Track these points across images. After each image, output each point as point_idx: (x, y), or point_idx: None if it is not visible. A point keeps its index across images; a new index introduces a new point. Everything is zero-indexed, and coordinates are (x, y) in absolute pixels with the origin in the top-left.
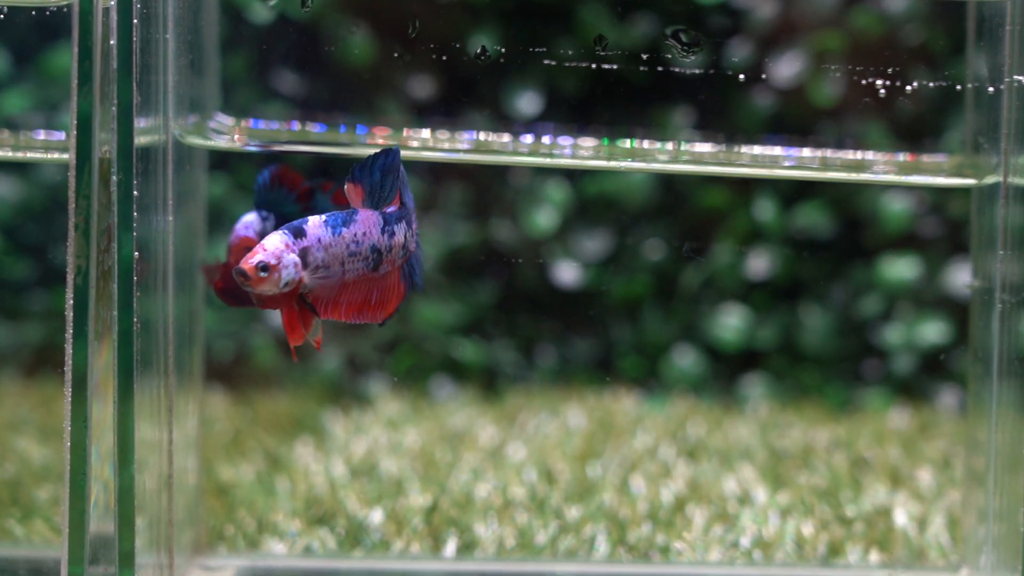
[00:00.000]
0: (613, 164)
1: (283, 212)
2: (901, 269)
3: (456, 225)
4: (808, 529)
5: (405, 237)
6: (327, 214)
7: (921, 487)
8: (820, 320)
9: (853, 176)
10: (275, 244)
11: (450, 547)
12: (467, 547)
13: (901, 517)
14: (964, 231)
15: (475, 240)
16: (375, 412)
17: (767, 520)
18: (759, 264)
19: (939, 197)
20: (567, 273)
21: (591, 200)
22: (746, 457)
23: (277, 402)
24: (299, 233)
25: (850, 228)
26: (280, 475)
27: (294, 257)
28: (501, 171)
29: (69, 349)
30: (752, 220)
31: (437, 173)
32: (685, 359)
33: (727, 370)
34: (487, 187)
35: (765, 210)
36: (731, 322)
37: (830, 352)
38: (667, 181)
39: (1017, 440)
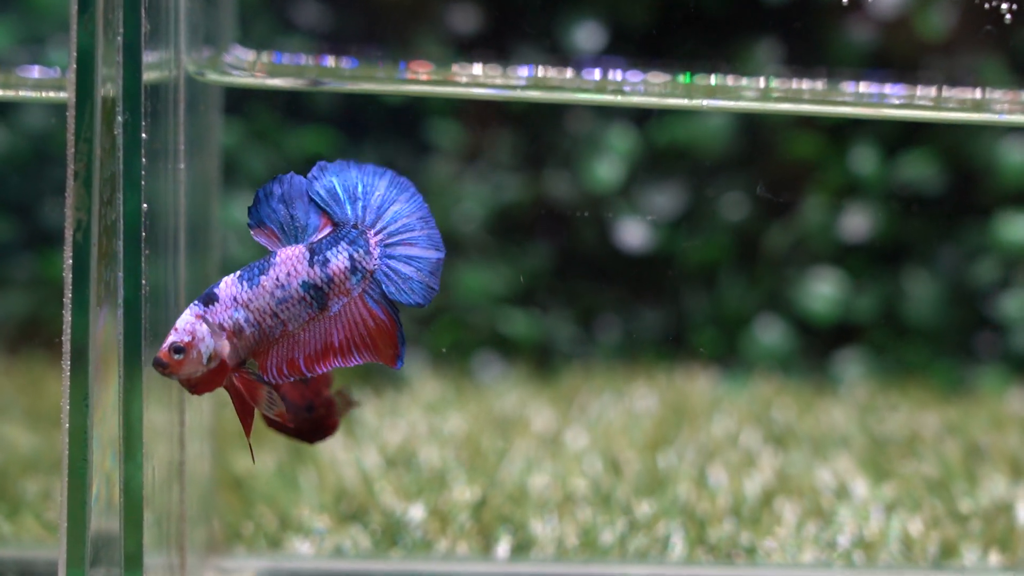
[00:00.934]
0: (691, 103)
1: None
2: (1021, 229)
3: (505, 178)
4: (916, 527)
5: (352, 257)
6: (242, 268)
7: None
8: (927, 288)
9: (968, 116)
10: (185, 320)
11: (503, 547)
12: (522, 547)
13: None
14: None
15: (527, 196)
16: (412, 394)
17: (869, 516)
18: (856, 223)
19: None
20: (634, 233)
21: (661, 149)
22: (842, 445)
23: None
24: (209, 300)
25: (963, 181)
26: (305, 466)
27: (207, 328)
28: (557, 116)
29: (68, 317)
30: (848, 172)
31: (484, 119)
32: (770, 333)
33: (819, 345)
34: (541, 134)
35: (864, 160)
36: (823, 290)
37: (939, 325)
38: (750, 127)
39: None
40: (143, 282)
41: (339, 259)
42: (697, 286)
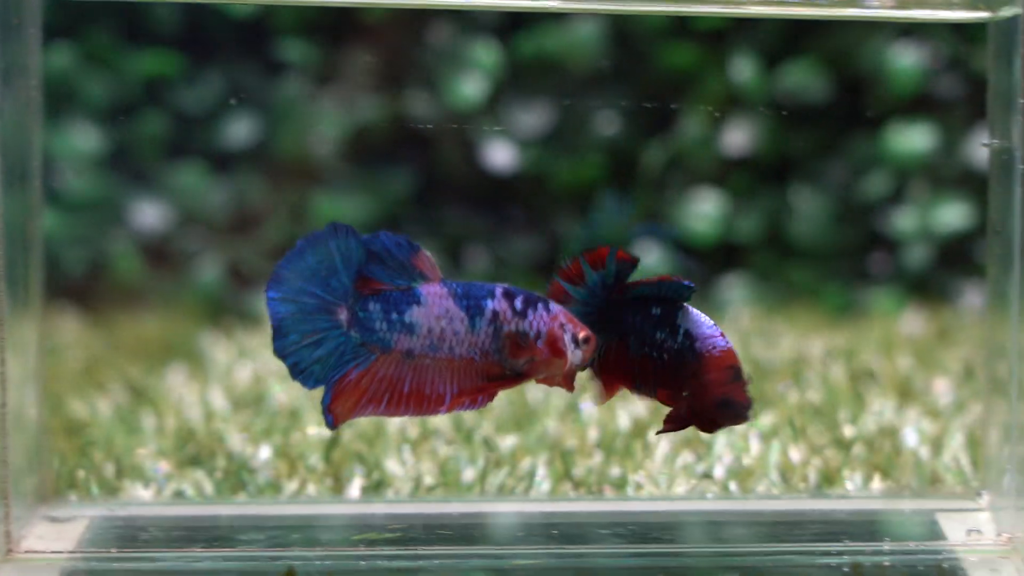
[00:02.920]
0: (549, 4)
1: None
2: (913, 140)
3: (360, 97)
4: (797, 454)
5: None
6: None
7: (938, 403)
8: (814, 205)
9: (842, 12)
10: (557, 313)
11: (354, 487)
12: (375, 487)
13: (912, 438)
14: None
15: (384, 116)
16: (264, 334)
17: (747, 446)
18: (737, 138)
19: (958, 47)
20: (501, 154)
21: (527, 62)
22: None
23: (143, 324)
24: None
25: (849, 91)
26: (146, 409)
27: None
28: (416, 29)
29: None
30: (728, 83)
31: (337, 35)
32: (648, 257)
33: (700, 269)
34: (399, 50)
35: (744, 70)
36: (704, 210)
37: (827, 245)
38: (621, 36)
39: None
40: None
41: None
42: (569, 209)
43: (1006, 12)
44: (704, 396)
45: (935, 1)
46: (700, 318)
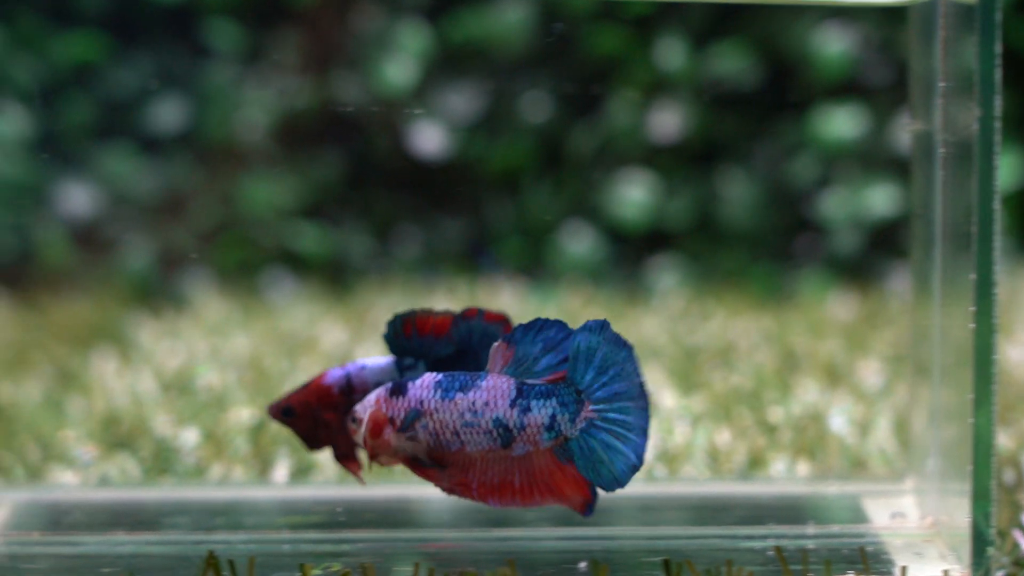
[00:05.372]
0: None
1: (437, 356)
2: (840, 124)
3: (289, 81)
4: (724, 438)
5: (553, 418)
6: (444, 374)
7: (864, 386)
8: (743, 189)
9: None
10: (371, 397)
11: (279, 471)
12: (303, 471)
13: (838, 421)
14: None
15: (313, 100)
16: (194, 315)
17: (673, 428)
18: (665, 122)
19: (886, 31)
20: (430, 139)
21: (456, 47)
22: (653, 355)
23: (71, 307)
24: (397, 391)
25: (777, 74)
26: (73, 393)
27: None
28: (344, 12)
29: None
30: (655, 67)
31: (266, 18)
32: (578, 241)
33: (630, 253)
34: (326, 32)
35: (671, 54)
36: (633, 195)
37: (756, 228)
38: (549, 21)
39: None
40: None
41: (541, 413)
42: (499, 193)
43: None
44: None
45: None
46: None
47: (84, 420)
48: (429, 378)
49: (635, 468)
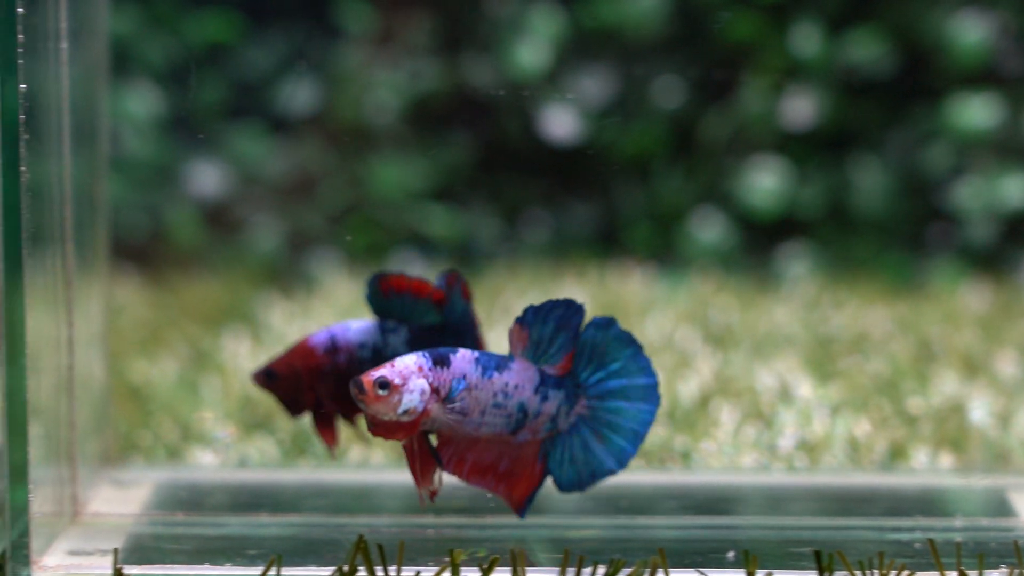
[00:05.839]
0: None
1: (422, 324)
2: (976, 113)
3: (422, 65)
4: (863, 428)
5: (558, 410)
6: (479, 352)
7: (1002, 377)
8: (875, 177)
9: None
10: (406, 364)
11: None
12: None
13: (978, 412)
14: None
15: (445, 83)
16: (324, 296)
17: (812, 418)
18: (799, 109)
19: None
20: (561, 122)
21: (589, 31)
22: (786, 344)
23: (202, 286)
24: (442, 361)
25: (912, 61)
26: (207, 373)
27: (423, 383)
28: None
29: None
30: (790, 53)
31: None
32: (708, 228)
33: (761, 240)
34: (459, 16)
35: (806, 40)
36: (765, 182)
37: (888, 216)
38: (684, 6)
39: None
40: (22, 170)
41: (553, 402)
42: (629, 178)
43: None
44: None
45: None
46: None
47: (220, 400)
48: (468, 353)
49: (610, 473)
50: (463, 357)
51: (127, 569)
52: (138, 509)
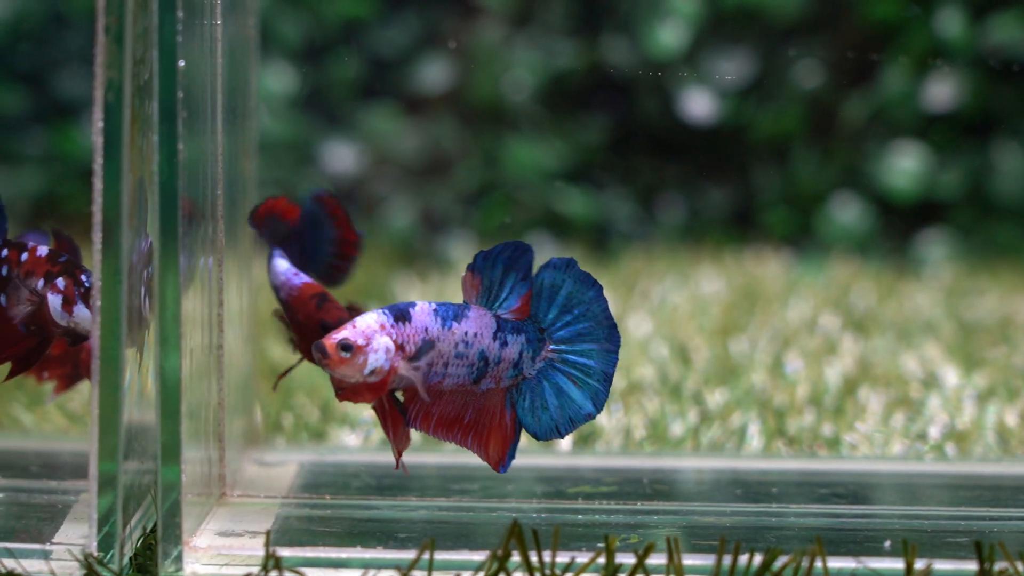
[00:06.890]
0: None
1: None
2: None
3: (559, 43)
4: (1013, 417)
5: (520, 355)
6: (436, 303)
7: None
8: (1018, 162)
9: None
10: (367, 323)
11: (564, 441)
12: (583, 440)
13: None
14: None
15: (582, 63)
16: (458, 278)
17: (961, 406)
18: (941, 91)
19: None
20: (699, 104)
21: (728, 12)
22: (928, 331)
23: None
24: (402, 316)
25: None
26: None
27: (387, 341)
28: None
29: (98, 184)
30: (933, 35)
31: None
32: (847, 211)
33: (900, 225)
34: None
35: (950, 22)
36: (905, 165)
37: None
38: None
39: None
40: (179, 146)
41: (513, 348)
42: (767, 161)
43: None
44: (306, 333)
45: None
46: (277, 267)
47: None
48: (425, 304)
49: (589, 417)
50: (422, 310)
51: (278, 551)
52: (285, 491)
